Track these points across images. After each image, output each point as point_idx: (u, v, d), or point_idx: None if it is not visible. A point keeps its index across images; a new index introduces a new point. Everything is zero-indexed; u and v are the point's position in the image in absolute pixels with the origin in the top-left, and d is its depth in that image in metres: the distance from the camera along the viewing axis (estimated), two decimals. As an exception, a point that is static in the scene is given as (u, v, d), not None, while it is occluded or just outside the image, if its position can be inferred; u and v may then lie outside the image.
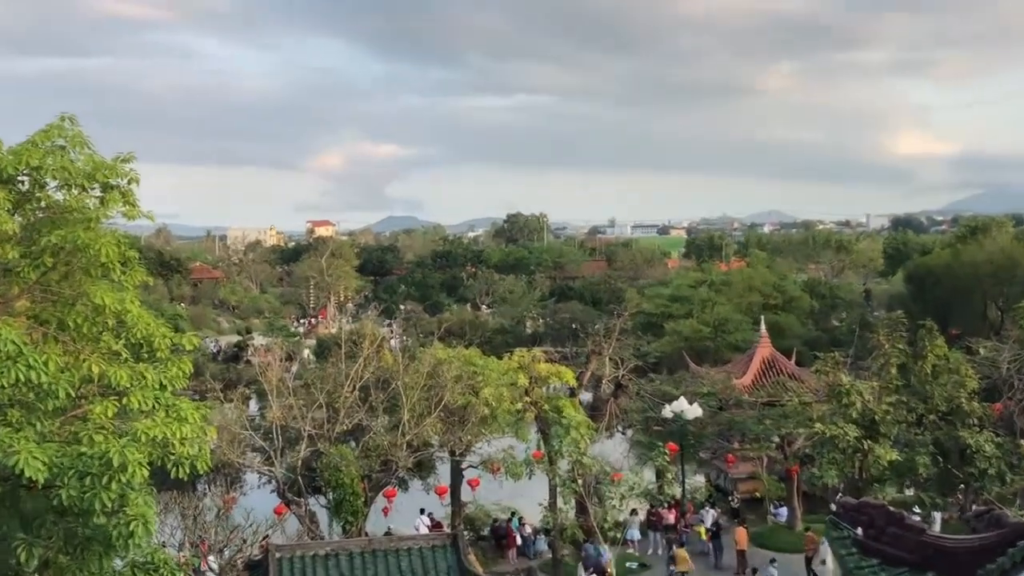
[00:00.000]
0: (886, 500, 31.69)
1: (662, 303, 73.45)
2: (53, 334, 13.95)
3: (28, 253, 13.99)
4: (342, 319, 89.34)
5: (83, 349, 13.79)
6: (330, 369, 35.41)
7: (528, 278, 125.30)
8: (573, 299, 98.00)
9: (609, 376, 43.08)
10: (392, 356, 36.33)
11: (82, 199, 14.24)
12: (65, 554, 13.04)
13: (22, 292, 14.46)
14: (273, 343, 55.17)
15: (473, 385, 34.05)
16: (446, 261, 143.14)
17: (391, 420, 33.55)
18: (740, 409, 41.00)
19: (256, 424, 34.59)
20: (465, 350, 37.42)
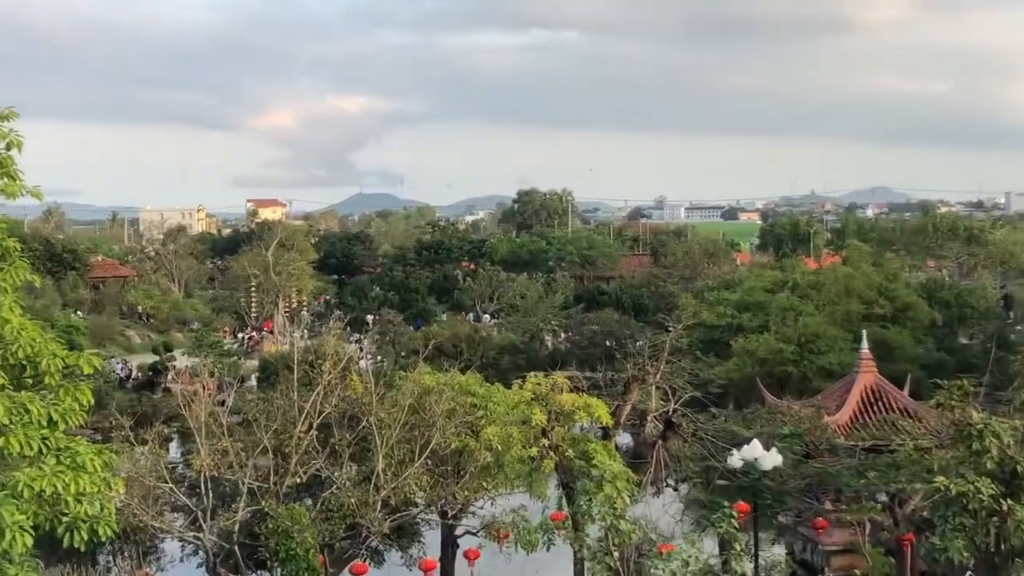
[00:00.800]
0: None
1: (728, 313, 73.37)
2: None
3: None
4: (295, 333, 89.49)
5: (-55, 372, 13.81)
6: (278, 401, 35.43)
7: (546, 278, 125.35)
8: (607, 306, 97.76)
9: (656, 411, 43.04)
10: (362, 383, 36.35)
11: (-56, 170, 14.29)
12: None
13: None
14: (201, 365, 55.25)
15: (471, 423, 34.05)
16: (436, 255, 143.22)
17: (360, 470, 33.57)
18: (834, 457, 40.86)
19: (179, 475, 34.66)
20: (461, 375, 37.47)
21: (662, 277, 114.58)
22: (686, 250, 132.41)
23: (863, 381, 45.39)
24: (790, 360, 62.39)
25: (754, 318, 70.78)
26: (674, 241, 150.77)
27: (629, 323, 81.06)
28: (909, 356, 62.29)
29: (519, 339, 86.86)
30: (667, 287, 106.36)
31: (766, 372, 58.66)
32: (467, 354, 69.39)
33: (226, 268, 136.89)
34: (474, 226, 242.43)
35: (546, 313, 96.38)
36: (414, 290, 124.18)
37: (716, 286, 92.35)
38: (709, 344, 68.76)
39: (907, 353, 63.07)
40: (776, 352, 62.77)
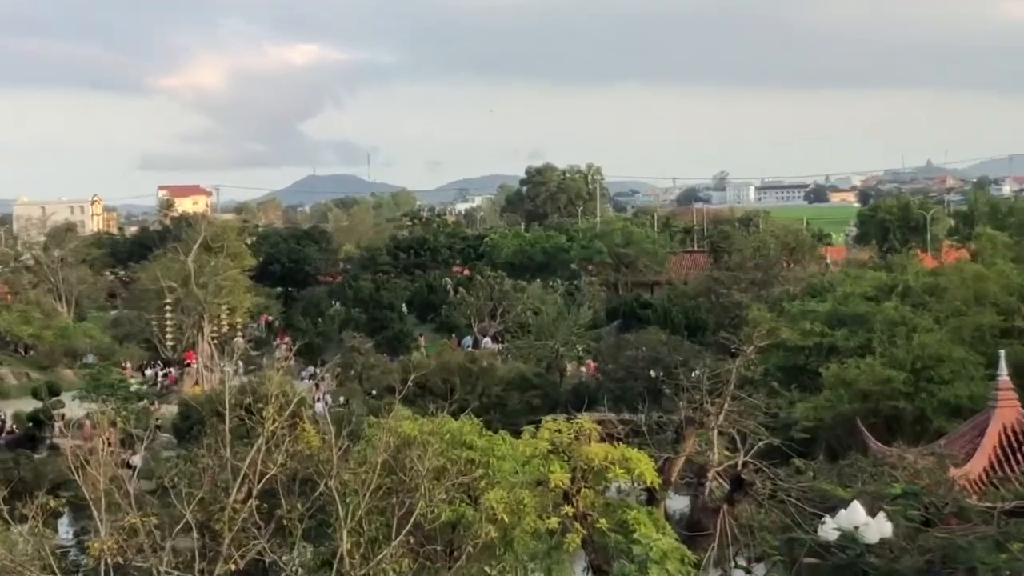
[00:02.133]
0: None
1: (817, 329, 73.27)
2: None
3: None
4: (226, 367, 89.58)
5: None
6: (205, 460, 35.42)
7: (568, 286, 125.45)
8: (651, 324, 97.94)
9: (720, 465, 42.98)
10: (319, 434, 36.37)
11: None
12: None
13: None
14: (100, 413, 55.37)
15: (468, 486, 34.01)
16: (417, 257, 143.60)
17: (318, 552, 33.54)
18: (964, 523, 40.82)
19: (71, 563, 34.66)
20: (453, 421, 37.42)
21: (725, 282, 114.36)
22: (757, 245, 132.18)
23: (1001, 419, 45.30)
24: (902, 392, 62.19)
25: (852, 336, 70.60)
26: (741, 233, 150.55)
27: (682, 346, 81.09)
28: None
29: (532, 370, 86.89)
30: (732, 296, 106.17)
31: (869, 409, 58.53)
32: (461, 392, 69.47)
33: (132, 280, 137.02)
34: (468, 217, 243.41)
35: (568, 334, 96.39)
36: (388, 306, 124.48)
37: (799, 293, 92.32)
38: (791, 372, 68.64)
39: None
40: (883, 382, 62.58)
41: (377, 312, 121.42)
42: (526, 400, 75.32)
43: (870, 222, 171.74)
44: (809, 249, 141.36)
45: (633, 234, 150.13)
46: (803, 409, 61.90)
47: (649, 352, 79.25)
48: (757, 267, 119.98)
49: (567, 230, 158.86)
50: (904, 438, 52.05)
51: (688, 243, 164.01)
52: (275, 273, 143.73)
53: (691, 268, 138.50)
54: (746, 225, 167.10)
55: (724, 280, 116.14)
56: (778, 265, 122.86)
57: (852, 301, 77.13)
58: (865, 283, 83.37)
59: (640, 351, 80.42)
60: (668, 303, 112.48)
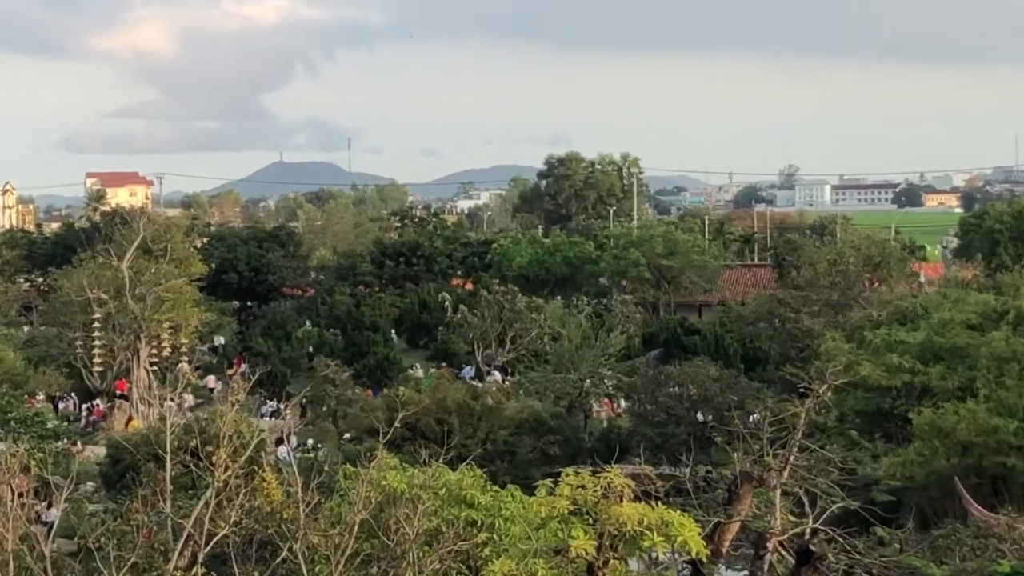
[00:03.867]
0: None
1: (907, 365, 73.27)
2: None
3: None
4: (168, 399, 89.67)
5: None
6: (140, 516, 35.52)
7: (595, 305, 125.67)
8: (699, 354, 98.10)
9: (782, 532, 43.03)
10: (282, 485, 36.46)
11: None
12: None
13: None
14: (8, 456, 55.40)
15: (468, 554, 34.06)
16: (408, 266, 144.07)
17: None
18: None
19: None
20: (450, 472, 37.51)
21: (793, 304, 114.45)
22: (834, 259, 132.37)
23: None
24: (1012, 446, 62.19)
25: (951, 374, 70.59)
26: (813, 243, 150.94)
27: (737, 382, 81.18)
28: None
29: (549, 410, 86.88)
30: (801, 321, 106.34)
31: (971, 466, 58.56)
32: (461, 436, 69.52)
33: (52, 290, 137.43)
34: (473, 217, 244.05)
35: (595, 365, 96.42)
36: (370, 327, 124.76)
37: (885, 320, 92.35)
38: (873, 419, 68.71)
39: None
40: (989, 432, 62.53)
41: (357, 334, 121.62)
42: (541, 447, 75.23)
43: (975, 232, 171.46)
44: (898, 264, 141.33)
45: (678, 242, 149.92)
46: (888, 464, 61.86)
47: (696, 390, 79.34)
48: (833, 286, 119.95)
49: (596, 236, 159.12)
50: (1014, 503, 52.06)
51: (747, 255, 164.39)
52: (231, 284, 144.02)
53: (751, 286, 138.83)
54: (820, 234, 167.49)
55: (791, 302, 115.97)
56: (859, 284, 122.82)
57: (951, 330, 77.05)
58: (968, 308, 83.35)
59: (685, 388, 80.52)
60: (721, 329, 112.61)
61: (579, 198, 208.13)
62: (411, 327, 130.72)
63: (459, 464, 39.54)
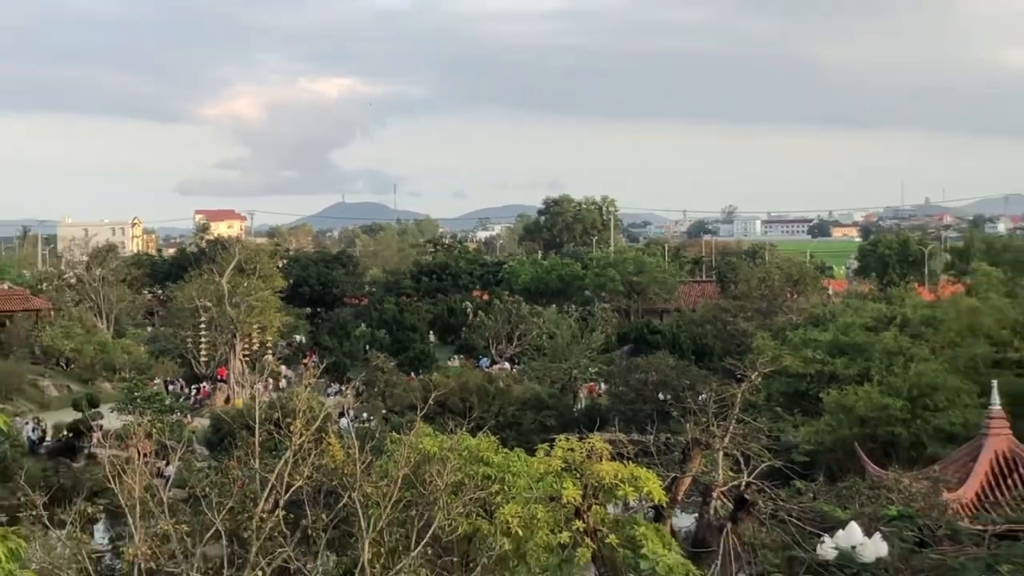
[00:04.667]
0: None
1: (818, 357, 73.08)
2: None
3: None
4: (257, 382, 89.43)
5: None
6: (235, 471, 35.31)
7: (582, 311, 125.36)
8: (660, 348, 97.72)
9: (724, 485, 42.76)
10: (343, 448, 36.23)
11: None
12: None
13: None
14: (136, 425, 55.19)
15: (484, 500, 33.84)
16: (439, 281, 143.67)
17: (341, 561, 33.42)
18: (956, 545, 40.55)
19: (106, 567, 34.55)
20: (471, 438, 37.27)
21: (732, 311, 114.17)
22: (763, 276, 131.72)
23: (994, 446, 45.11)
24: (898, 419, 61.94)
25: (852, 364, 70.43)
26: (748, 265, 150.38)
27: (689, 370, 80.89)
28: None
29: (546, 391, 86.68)
30: (738, 324, 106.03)
31: (867, 434, 58.31)
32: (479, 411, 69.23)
33: (168, 299, 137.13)
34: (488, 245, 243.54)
35: (581, 357, 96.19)
36: (410, 328, 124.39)
37: (802, 323, 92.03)
38: (793, 398, 68.43)
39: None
40: (880, 408, 62.34)
41: (400, 333, 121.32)
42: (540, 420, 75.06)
43: (870, 256, 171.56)
44: (812, 281, 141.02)
45: (645, 263, 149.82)
46: (804, 433, 61.68)
47: (658, 376, 79.04)
48: (762, 297, 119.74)
49: (582, 258, 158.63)
50: (900, 462, 51.75)
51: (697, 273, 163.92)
52: (305, 295, 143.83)
53: (699, 297, 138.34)
54: (752, 257, 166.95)
55: (730, 309, 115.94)
56: (782, 295, 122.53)
57: (852, 331, 76.97)
58: (865, 314, 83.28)
59: (650, 375, 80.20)
60: (677, 330, 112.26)
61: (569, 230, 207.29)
62: (441, 328, 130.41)
63: (477, 432, 39.33)
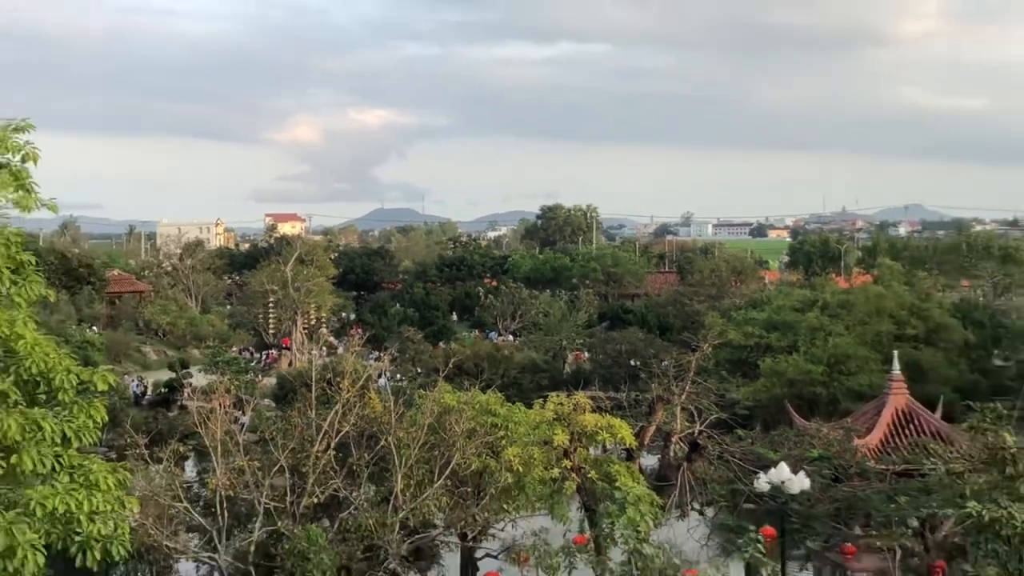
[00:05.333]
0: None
1: (756, 332, 73.19)
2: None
3: None
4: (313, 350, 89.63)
5: (-42, 388, 13.88)
6: (296, 419, 35.49)
7: (570, 295, 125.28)
8: (632, 325, 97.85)
9: (681, 433, 42.93)
10: (381, 402, 36.42)
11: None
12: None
13: None
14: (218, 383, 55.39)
15: (492, 443, 34.05)
16: (457, 271, 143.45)
17: (379, 490, 33.56)
18: (864, 481, 40.71)
19: (194, 494, 34.72)
20: (482, 394, 37.46)
21: (688, 296, 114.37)
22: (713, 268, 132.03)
23: (894, 403, 45.22)
24: (819, 381, 62.17)
25: (782, 338, 70.56)
26: (701, 259, 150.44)
27: (654, 342, 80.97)
28: (941, 378, 61.94)
29: (541, 358, 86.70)
30: (693, 306, 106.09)
31: (794, 394, 58.47)
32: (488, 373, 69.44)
33: (244, 284, 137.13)
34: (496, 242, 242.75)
35: (569, 331, 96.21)
36: (435, 307, 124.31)
37: (743, 305, 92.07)
38: (736, 364, 68.54)
39: (939, 375, 62.72)
40: (805, 373, 62.56)
41: (426, 312, 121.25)
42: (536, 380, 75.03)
43: (798, 253, 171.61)
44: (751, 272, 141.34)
45: (620, 258, 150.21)
46: (744, 392, 61.86)
47: (630, 346, 79.14)
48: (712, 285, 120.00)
49: (570, 254, 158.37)
50: (820, 416, 51.95)
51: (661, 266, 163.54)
52: (351, 281, 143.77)
53: (663, 284, 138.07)
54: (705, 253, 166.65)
55: (687, 294, 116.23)
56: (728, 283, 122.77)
57: (783, 312, 77.09)
58: (793, 298, 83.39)
59: (623, 345, 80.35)
60: (645, 310, 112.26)
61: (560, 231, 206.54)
62: (459, 307, 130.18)
63: (487, 390, 39.53)
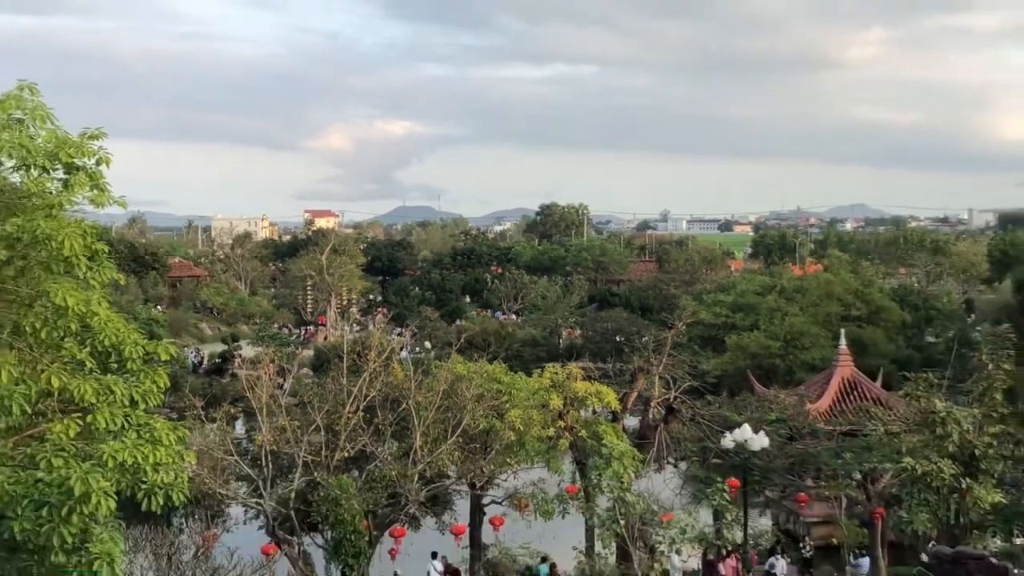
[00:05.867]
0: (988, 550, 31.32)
1: (723, 312, 73.19)
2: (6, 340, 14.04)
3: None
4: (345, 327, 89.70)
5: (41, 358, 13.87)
6: (330, 385, 35.54)
7: (564, 281, 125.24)
8: (617, 306, 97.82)
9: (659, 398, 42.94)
10: (402, 371, 36.41)
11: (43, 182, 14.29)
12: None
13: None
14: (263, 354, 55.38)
15: (497, 406, 34.04)
16: (468, 260, 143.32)
17: (400, 446, 33.60)
18: (815, 439, 40.74)
19: (242, 449, 34.75)
20: (488, 365, 37.42)
21: (665, 281, 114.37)
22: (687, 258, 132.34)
23: (841, 374, 45.29)
24: (777, 355, 62.18)
25: (746, 318, 70.58)
26: (676, 250, 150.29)
27: (636, 321, 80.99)
28: (881, 352, 61.94)
29: (540, 334, 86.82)
30: (670, 290, 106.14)
31: (756, 365, 58.50)
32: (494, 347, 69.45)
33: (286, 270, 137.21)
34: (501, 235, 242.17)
35: (563, 312, 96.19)
36: (449, 290, 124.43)
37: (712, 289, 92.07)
38: (706, 340, 68.58)
39: (880, 349, 62.72)
40: (765, 348, 62.58)
41: (442, 294, 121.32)
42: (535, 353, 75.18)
43: (759, 245, 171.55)
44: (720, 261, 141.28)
45: (607, 249, 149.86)
46: (713, 364, 61.85)
47: (615, 325, 79.17)
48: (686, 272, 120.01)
49: (564, 245, 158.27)
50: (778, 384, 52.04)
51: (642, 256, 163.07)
52: (377, 268, 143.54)
53: (644, 272, 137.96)
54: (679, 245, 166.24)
55: (664, 280, 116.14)
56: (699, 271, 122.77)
57: (746, 295, 77.07)
58: (755, 284, 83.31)
59: (609, 324, 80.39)
60: (628, 294, 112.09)
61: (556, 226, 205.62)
62: (470, 291, 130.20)
63: (493, 361, 39.57)
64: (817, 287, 73.71)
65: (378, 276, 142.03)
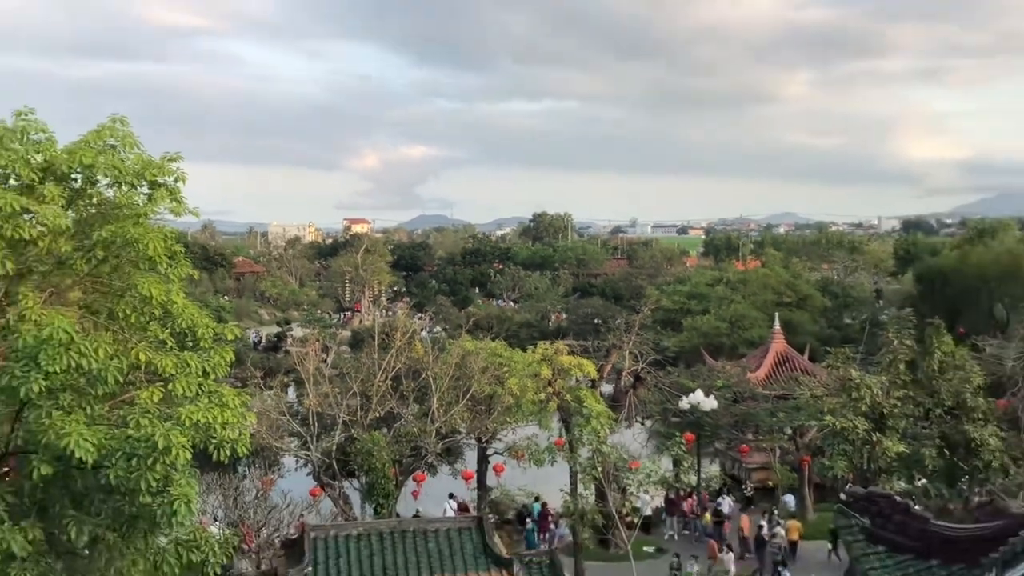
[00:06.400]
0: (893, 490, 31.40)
1: (680, 300, 73.05)
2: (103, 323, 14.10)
3: (81, 247, 14.13)
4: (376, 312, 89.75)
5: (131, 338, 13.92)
6: (364, 359, 35.53)
7: (553, 275, 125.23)
8: (595, 295, 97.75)
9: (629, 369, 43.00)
10: (423, 348, 36.42)
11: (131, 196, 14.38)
12: (112, 531, 13.22)
13: (74, 283, 14.63)
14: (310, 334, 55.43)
15: (499, 376, 34.05)
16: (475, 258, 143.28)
17: (421, 408, 33.61)
18: (754, 402, 40.78)
19: (294, 411, 34.80)
20: (492, 343, 37.43)
21: (634, 275, 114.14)
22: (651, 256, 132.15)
23: (775, 349, 45.24)
24: (724, 334, 62.08)
25: (699, 304, 70.43)
26: (643, 250, 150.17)
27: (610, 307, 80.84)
28: (808, 331, 61.82)
29: (533, 318, 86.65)
30: (638, 282, 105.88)
31: (707, 343, 58.41)
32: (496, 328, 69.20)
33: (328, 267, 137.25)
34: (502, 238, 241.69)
35: (552, 300, 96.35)
36: (460, 283, 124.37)
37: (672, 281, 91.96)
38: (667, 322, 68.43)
39: (806, 329, 62.62)
40: (714, 328, 62.49)
41: (454, 286, 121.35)
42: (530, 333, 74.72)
43: (710, 246, 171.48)
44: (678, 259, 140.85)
45: (587, 250, 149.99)
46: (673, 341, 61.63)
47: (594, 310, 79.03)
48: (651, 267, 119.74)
49: (553, 246, 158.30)
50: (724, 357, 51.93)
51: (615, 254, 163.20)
52: (402, 265, 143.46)
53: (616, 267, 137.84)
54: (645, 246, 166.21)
55: (633, 273, 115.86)
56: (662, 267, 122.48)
57: (699, 286, 76.91)
58: (706, 277, 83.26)
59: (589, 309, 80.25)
60: (604, 285, 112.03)
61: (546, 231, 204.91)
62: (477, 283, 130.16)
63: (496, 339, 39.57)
64: (756, 279, 73.73)
65: (402, 272, 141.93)
